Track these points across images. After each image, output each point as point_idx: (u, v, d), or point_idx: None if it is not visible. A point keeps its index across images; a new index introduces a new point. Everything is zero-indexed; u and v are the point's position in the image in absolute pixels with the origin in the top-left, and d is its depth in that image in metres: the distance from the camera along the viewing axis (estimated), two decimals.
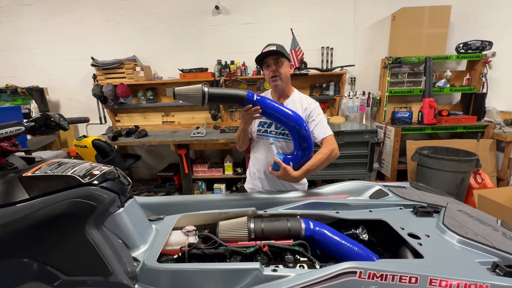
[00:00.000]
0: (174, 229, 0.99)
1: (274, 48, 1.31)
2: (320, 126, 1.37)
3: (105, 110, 3.53)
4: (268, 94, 1.50)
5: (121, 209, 0.83)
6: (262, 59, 1.35)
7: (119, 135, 3.11)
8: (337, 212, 1.11)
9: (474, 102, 3.15)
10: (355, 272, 0.70)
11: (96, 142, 2.58)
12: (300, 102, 1.43)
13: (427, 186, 1.41)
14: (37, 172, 0.79)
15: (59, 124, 1.00)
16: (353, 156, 2.70)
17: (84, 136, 2.63)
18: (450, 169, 2.50)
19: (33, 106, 3.13)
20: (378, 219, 1.04)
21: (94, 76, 3.33)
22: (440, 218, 1.02)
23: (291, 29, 3.05)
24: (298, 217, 1.07)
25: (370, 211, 1.13)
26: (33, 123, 0.96)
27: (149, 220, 1.00)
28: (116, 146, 3.28)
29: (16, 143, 0.89)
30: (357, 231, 1.05)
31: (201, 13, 3.32)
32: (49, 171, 0.79)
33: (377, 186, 1.37)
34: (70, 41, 3.44)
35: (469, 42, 3.03)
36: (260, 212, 1.10)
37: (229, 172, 3.24)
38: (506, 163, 2.92)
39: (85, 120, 1.13)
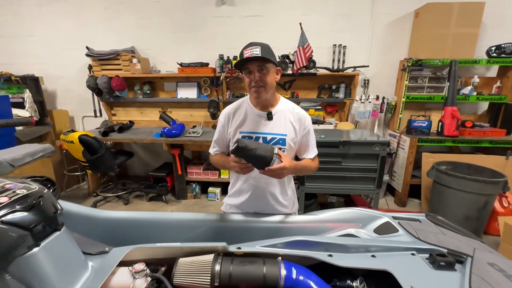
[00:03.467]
0: (123, 264, 0.79)
1: (258, 51, 1.02)
2: (311, 147, 1.26)
3: (100, 103, 3.39)
4: (246, 101, 1.24)
5: (36, 248, 0.63)
6: (242, 63, 1.08)
7: (111, 130, 2.96)
8: (330, 255, 0.87)
9: (504, 114, 2.80)
10: None
11: (83, 138, 2.42)
12: (291, 112, 1.19)
13: (447, 221, 1.15)
14: None
15: None
16: (360, 170, 2.38)
17: (72, 131, 2.48)
18: (472, 190, 2.18)
19: (27, 95, 3.01)
20: (382, 270, 0.81)
21: (90, 67, 3.18)
22: (466, 275, 0.78)
23: (300, 24, 2.78)
24: (280, 258, 0.85)
25: (372, 255, 0.89)
26: None
27: (88, 254, 0.80)
28: (110, 142, 3.14)
29: None
30: (354, 285, 0.81)
31: (205, 3, 3.10)
32: None
33: (384, 217, 1.14)
34: (68, 29, 3.30)
35: (503, 45, 2.68)
36: (232, 249, 0.88)
37: (225, 176, 3.04)
38: None
39: (27, 123, 0.94)
